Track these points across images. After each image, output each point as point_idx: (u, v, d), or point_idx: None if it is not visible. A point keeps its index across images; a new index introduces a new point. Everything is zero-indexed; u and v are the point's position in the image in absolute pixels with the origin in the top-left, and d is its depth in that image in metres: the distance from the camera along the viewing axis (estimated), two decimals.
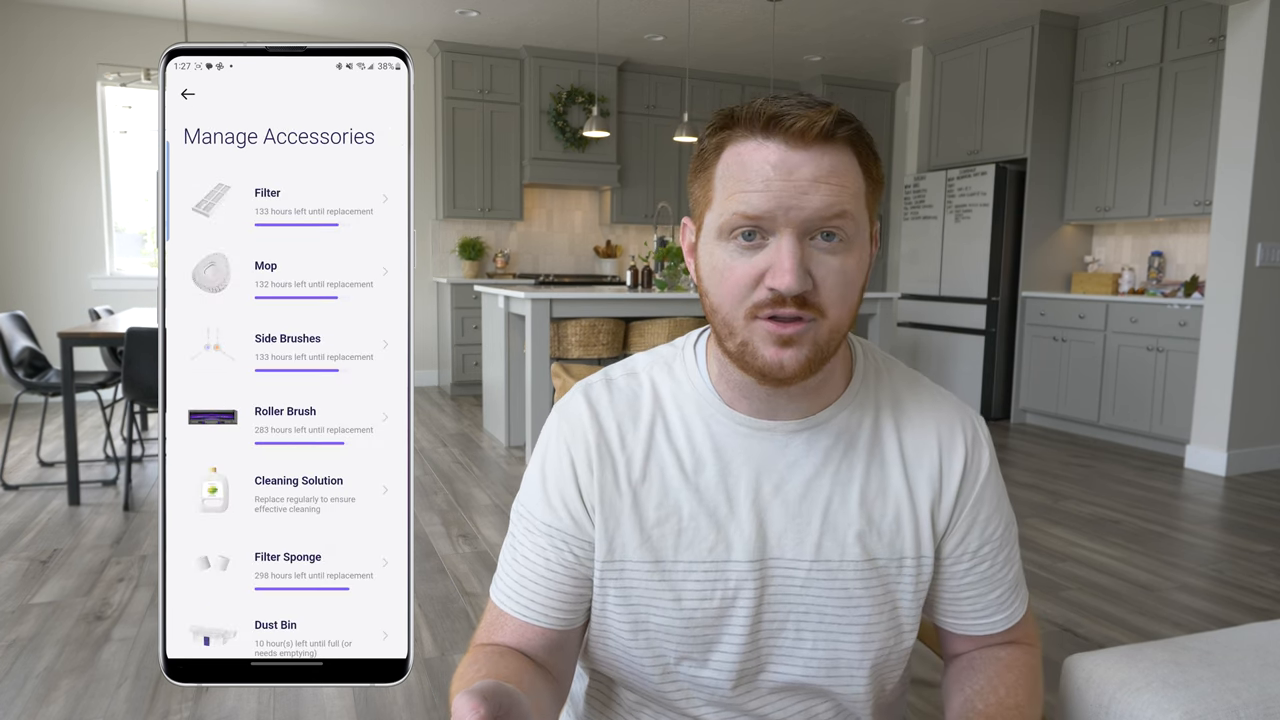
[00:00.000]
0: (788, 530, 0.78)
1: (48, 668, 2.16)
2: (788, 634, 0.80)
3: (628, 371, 0.85)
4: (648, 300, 4.69)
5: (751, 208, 0.68)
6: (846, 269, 0.70)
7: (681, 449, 0.80)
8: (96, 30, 5.81)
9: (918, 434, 0.82)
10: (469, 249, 6.76)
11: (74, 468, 3.55)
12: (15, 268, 5.79)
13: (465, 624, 2.48)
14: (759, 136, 0.69)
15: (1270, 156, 4.25)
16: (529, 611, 0.80)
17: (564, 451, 0.81)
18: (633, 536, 0.79)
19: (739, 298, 0.71)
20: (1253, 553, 3.21)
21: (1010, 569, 0.85)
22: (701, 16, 5.80)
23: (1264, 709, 0.85)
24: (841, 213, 0.68)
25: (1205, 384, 4.49)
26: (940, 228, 6.00)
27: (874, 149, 0.73)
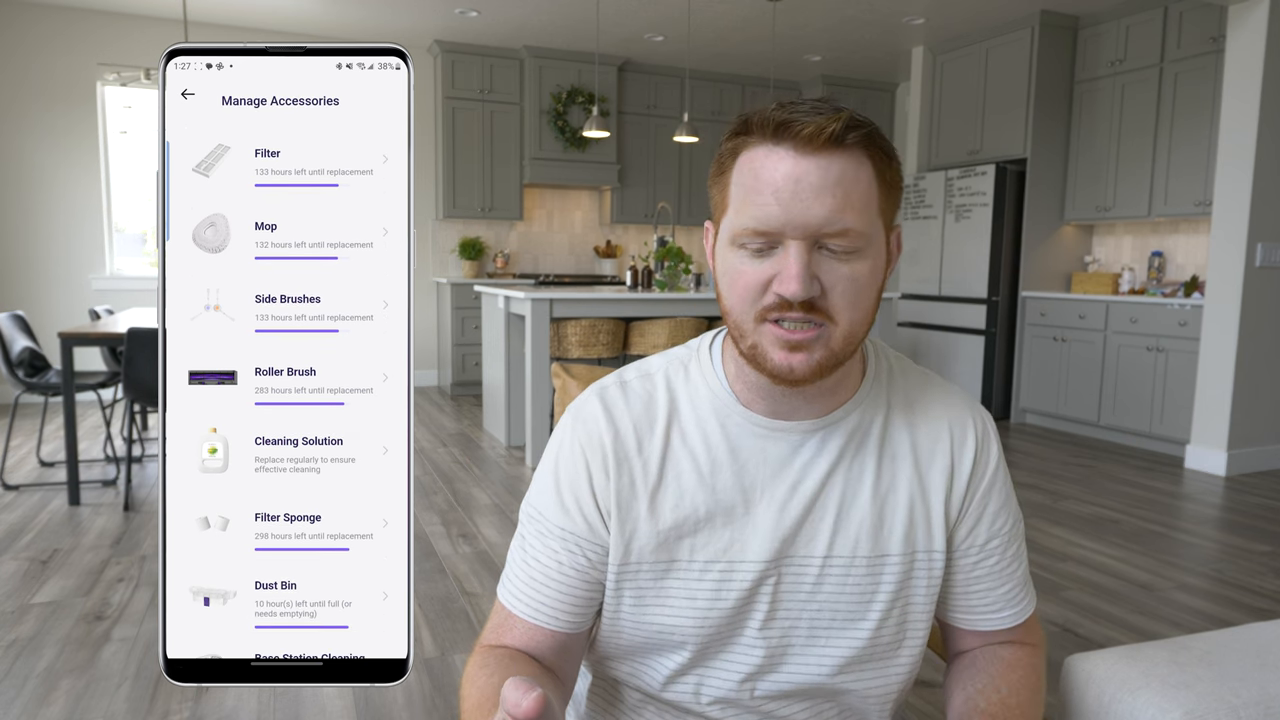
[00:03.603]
0: (801, 528, 0.78)
1: (48, 668, 2.16)
2: (801, 631, 0.80)
3: (642, 373, 0.85)
4: (648, 300, 4.69)
5: (759, 222, 0.69)
6: (857, 275, 0.70)
7: (697, 451, 0.79)
8: (96, 30, 5.81)
9: (929, 430, 0.82)
10: (469, 249, 6.76)
11: (74, 468, 3.55)
12: (15, 268, 5.79)
13: (465, 624, 2.48)
14: (770, 143, 0.70)
15: (1270, 156, 4.25)
16: (539, 614, 0.79)
17: (579, 455, 0.80)
18: (649, 539, 0.78)
19: (749, 301, 0.72)
20: (1253, 553, 3.21)
21: (1018, 565, 0.86)
22: (701, 16, 5.80)
23: (1264, 709, 0.85)
24: (844, 230, 0.69)
25: (1205, 384, 4.49)
26: (940, 228, 6.00)
27: (889, 152, 0.72)
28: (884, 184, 0.72)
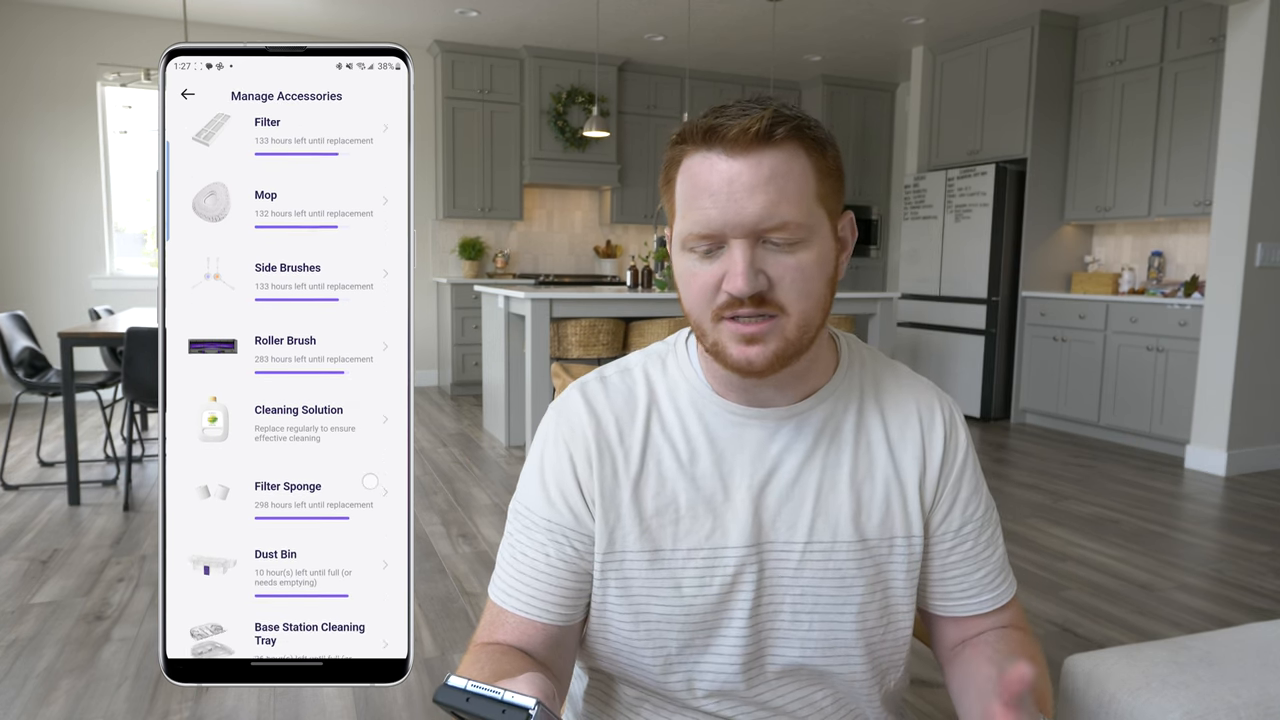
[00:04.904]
0: (781, 514, 0.81)
1: (48, 668, 2.16)
2: (784, 616, 0.81)
3: (621, 369, 0.87)
4: (648, 300, 4.69)
5: (700, 226, 0.72)
6: (803, 265, 0.73)
7: (677, 440, 0.82)
8: (96, 30, 5.81)
9: (899, 415, 0.85)
10: (469, 249, 6.76)
11: (74, 468, 3.55)
12: (15, 268, 5.79)
13: (465, 624, 2.48)
14: (703, 149, 0.73)
15: (1270, 156, 4.25)
16: (530, 608, 0.80)
17: (562, 448, 0.82)
18: (632, 528, 0.80)
19: (704, 302, 0.75)
20: (1253, 553, 3.21)
21: (994, 551, 0.87)
22: (701, 16, 5.80)
23: (1264, 709, 0.85)
24: (782, 224, 0.71)
25: (1205, 384, 4.49)
26: (940, 228, 6.00)
27: (823, 140, 0.74)
28: (820, 173, 0.74)
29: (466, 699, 0.44)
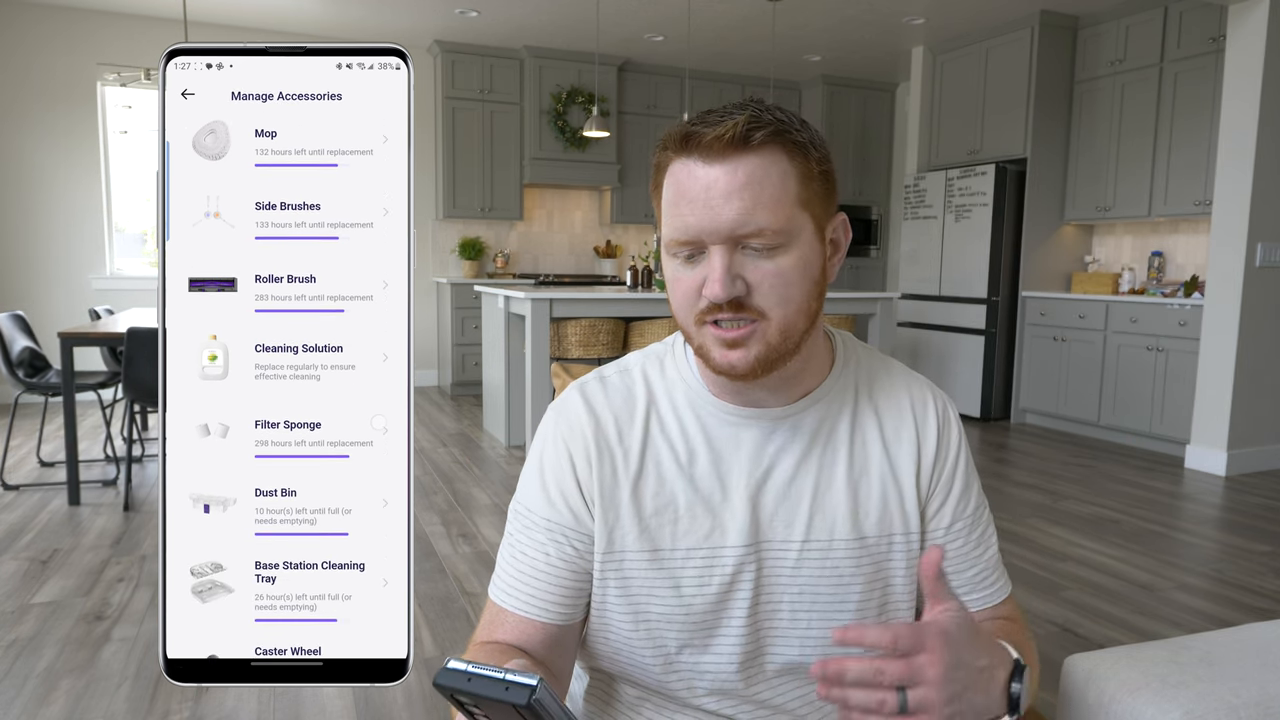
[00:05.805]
0: (778, 513, 0.81)
1: (48, 668, 2.16)
2: (783, 615, 0.82)
3: (620, 369, 0.88)
4: (647, 300, 4.69)
5: (680, 232, 0.73)
6: (783, 270, 0.72)
7: (675, 440, 0.82)
8: (96, 30, 5.81)
9: (894, 412, 0.86)
10: (469, 249, 6.76)
11: (74, 468, 3.55)
12: (15, 268, 5.79)
13: (465, 624, 2.48)
14: (683, 155, 0.73)
15: (1270, 156, 4.26)
16: (529, 607, 0.81)
17: (562, 448, 0.83)
18: (632, 528, 0.81)
19: (688, 307, 0.75)
20: (1252, 553, 3.21)
21: (984, 550, 0.88)
22: (701, 16, 5.80)
23: (1264, 709, 0.85)
24: (759, 230, 0.71)
25: (1205, 384, 4.49)
26: (940, 228, 6.00)
27: (805, 143, 0.73)
28: (803, 176, 0.73)
29: (468, 679, 0.44)
